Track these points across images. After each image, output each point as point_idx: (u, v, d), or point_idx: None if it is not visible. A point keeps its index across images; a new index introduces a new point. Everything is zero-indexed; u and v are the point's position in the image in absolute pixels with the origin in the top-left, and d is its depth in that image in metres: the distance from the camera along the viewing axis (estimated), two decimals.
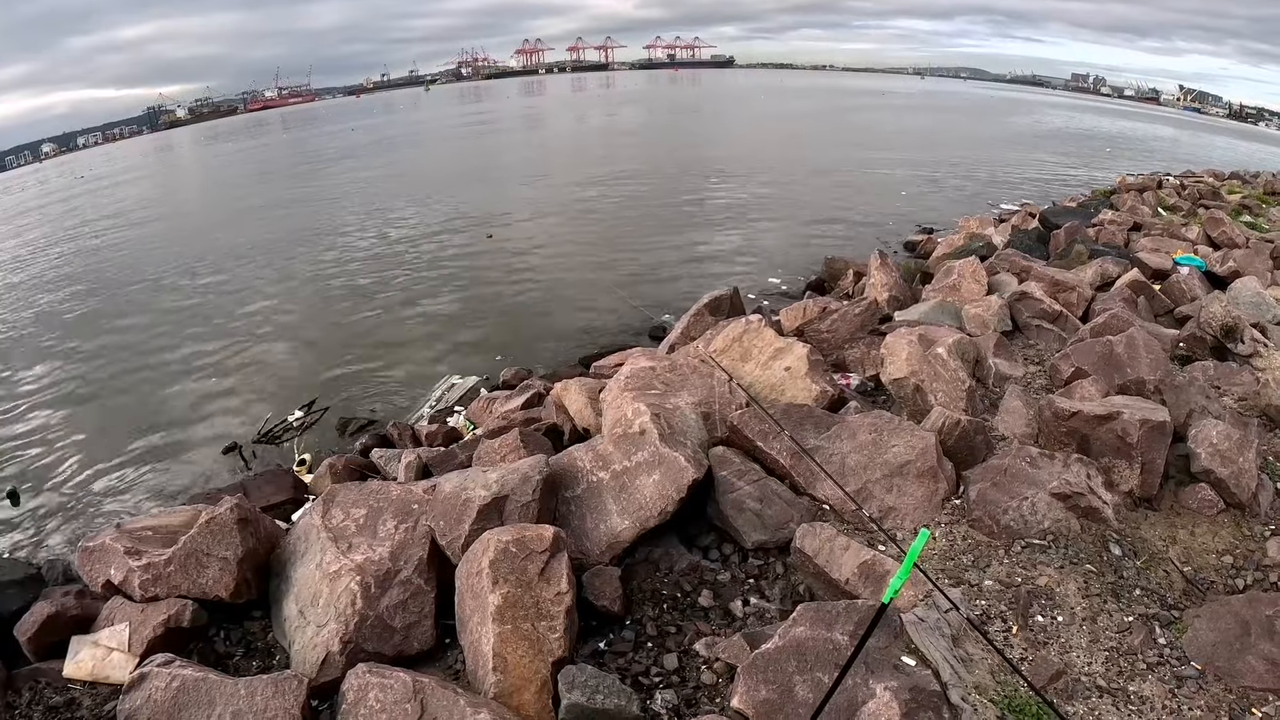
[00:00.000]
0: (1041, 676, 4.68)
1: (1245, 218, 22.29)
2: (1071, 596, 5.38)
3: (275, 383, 17.58)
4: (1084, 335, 9.59)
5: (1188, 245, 16.81)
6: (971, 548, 5.99)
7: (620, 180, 41.24)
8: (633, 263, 25.65)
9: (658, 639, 5.46)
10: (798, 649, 4.57)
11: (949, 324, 10.47)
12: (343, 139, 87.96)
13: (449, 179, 45.88)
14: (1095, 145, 65.51)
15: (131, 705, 4.67)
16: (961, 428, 7.05)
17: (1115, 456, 6.68)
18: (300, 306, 23.36)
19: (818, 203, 35.01)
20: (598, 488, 6.38)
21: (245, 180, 60.24)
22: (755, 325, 9.29)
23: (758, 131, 71.76)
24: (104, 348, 21.09)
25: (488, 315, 21.17)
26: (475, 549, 5.29)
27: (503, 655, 4.72)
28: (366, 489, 6.41)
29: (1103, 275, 13.38)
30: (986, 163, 49.42)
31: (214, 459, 14.20)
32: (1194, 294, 12.51)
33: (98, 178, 78.78)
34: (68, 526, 12.32)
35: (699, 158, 49.93)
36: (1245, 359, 9.68)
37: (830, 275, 20.71)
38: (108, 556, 5.91)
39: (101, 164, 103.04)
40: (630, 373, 8.34)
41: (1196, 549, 6.12)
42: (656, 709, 4.80)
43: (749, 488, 6.56)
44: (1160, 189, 28.25)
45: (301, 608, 5.55)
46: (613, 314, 19.72)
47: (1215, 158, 59.91)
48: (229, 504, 5.93)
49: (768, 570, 6.12)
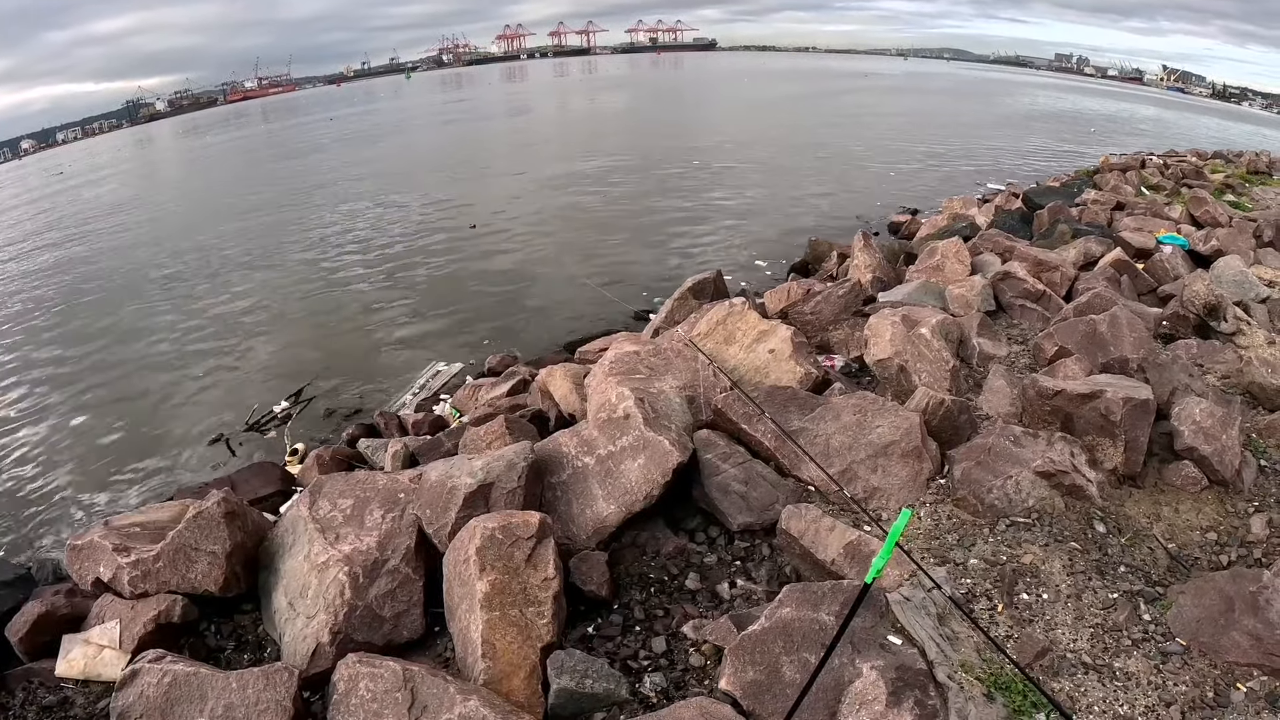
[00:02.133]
0: (1027, 654, 4.72)
1: (1228, 197, 22.35)
2: (1056, 574, 5.42)
3: (261, 374, 17.53)
4: (1067, 314, 9.62)
5: (1171, 224, 16.85)
6: (956, 526, 6.02)
7: (603, 168, 41.13)
8: (616, 249, 25.65)
9: (645, 622, 5.48)
10: (784, 630, 4.59)
11: (933, 304, 10.49)
12: (320, 130, 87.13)
13: (430, 170, 45.58)
14: (1079, 126, 65.58)
15: (124, 702, 4.66)
16: (946, 407, 7.08)
17: (1099, 435, 6.72)
18: (284, 298, 23.26)
19: (801, 186, 35.06)
20: (583, 473, 6.38)
21: (224, 174, 59.79)
22: (739, 308, 9.29)
23: (740, 117, 71.51)
24: (85, 345, 20.95)
25: (473, 304, 21.14)
26: (462, 536, 5.29)
27: (491, 642, 4.73)
28: (353, 479, 6.39)
29: (1086, 255, 13.43)
30: (970, 144, 49.54)
31: (201, 452, 14.16)
32: (1177, 273, 12.56)
33: (77, 174, 77.96)
34: (56, 525, 12.28)
35: (682, 144, 49.76)
36: (1228, 337, 9.73)
37: (814, 257, 20.72)
38: (96, 554, 5.86)
39: (81, 159, 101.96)
40: (614, 357, 8.32)
41: (1180, 526, 6.17)
42: (645, 692, 4.82)
43: (734, 470, 6.57)
44: (1143, 169, 28.32)
45: (291, 599, 5.53)
46: (596, 300, 19.70)
47: (1200, 136, 60.24)
48: (216, 498, 5.89)
49: (754, 552, 6.14)
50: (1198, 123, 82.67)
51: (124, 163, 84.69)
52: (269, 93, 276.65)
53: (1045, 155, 45.41)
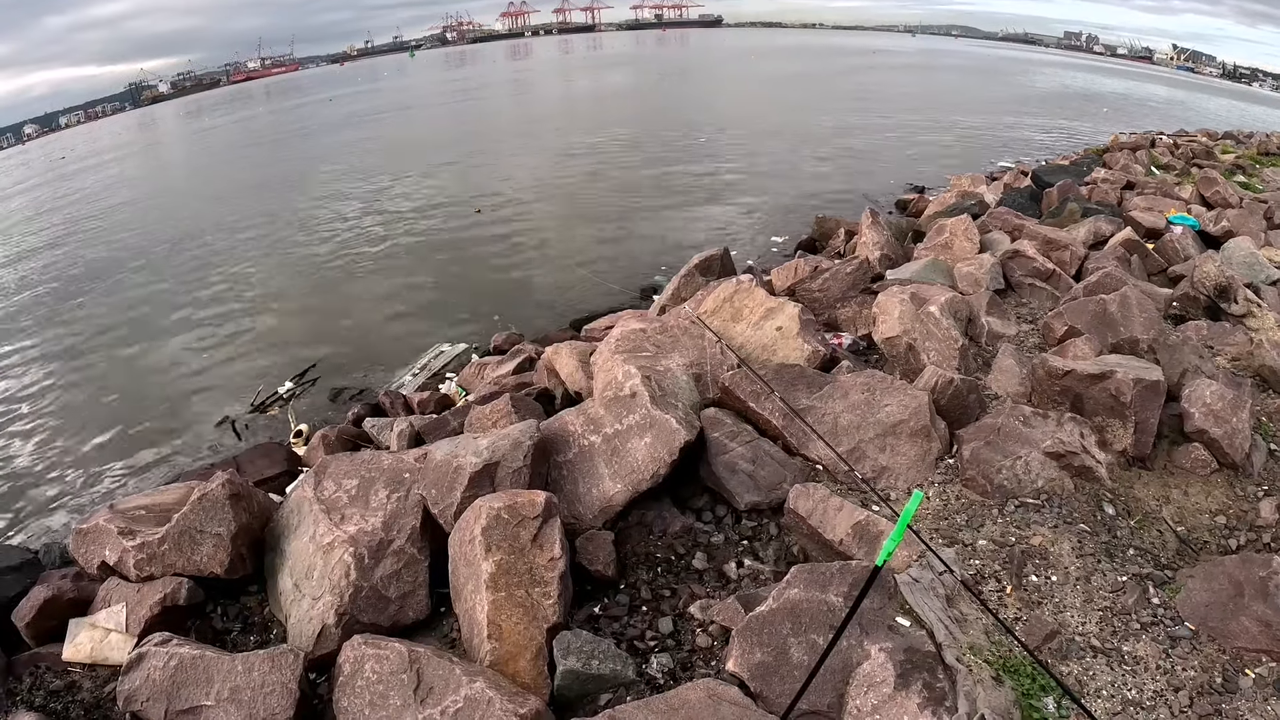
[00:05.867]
0: (1035, 637, 4.69)
1: (1239, 178, 22.18)
2: (1065, 556, 5.39)
3: (267, 355, 17.55)
4: (1077, 294, 9.55)
5: (1181, 204, 16.72)
6: (965, 507, 5.99)
7: (610, 147, 40.98)
8: (622, 227, 25.65)
9: (652, 602, 5.46)
10: (792, 611, 4.57)
11: (941, 283, 10.41)
12: (324, 111, 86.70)
13: (435, 150, 45.30)
14: (1089, 105, 65.00)
15: (131, 685, 4.67)
16: (955, 386, 7.03)
17: (1109, 416, 6.67)
18: (290, 280, 23.28)
19: (809, 164, 34.96)
20: (589, 451, 6.35)
21: (228, 155, 59.60)
22: (746, 285, 9.23)
23: (748, 95, 71.05)
24: (89, 328, 21.02)
25: (479, 284, 21.11)
26: (467, 516, 5.26)
27: (497, 622, 4.71)
28: (358, 459, 6.36)
29: (1096, 234, 13.31)
30: (980, 122, 49.19)
31: (206, 434, 14.19)
32: (1187, 253, 12.46)
33: (80, 158, 77.74)
34: (62, 509, 12.33)
35: (688, 122, 49.55)
36: (1238, 319, 9.65)
37: (821, 234, 20.62)
38: (102, 538, 5.86)
39: (84, 144, 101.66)
40: (621, 335, 8.27)
41: (1190, 509, 6.13)
42: (652, 673, 4.80)
43: (741, 449, 6.53)
44: (1153, 148, 28.09)
45: (296, 581, 5.52)
46: (601, 279, 19.61)
47: (1212, 116, 59.74)
48: (220, 480, 5.86)
49: (761, 532, 6.11)
50: (1207, 103, 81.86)
51: (125, 146, 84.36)
52: (272, 73, 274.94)
53: (1054, 133, 45.09)
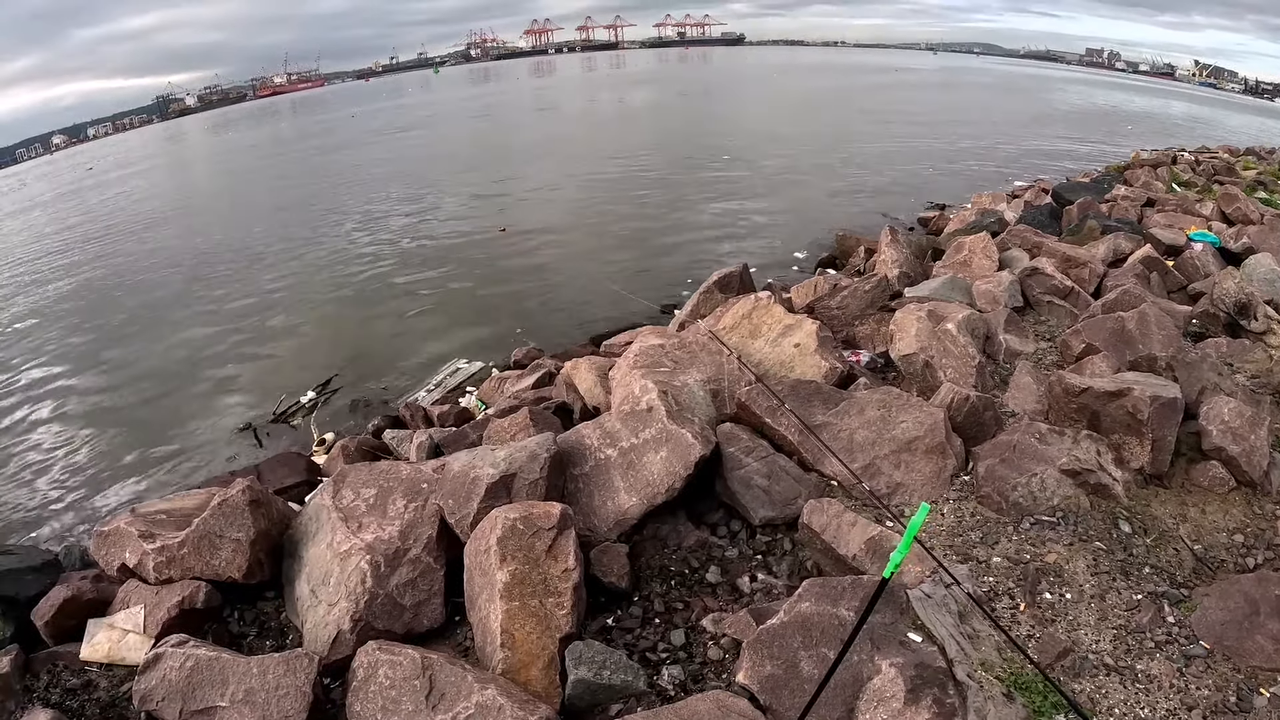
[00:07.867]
0: (1048, 654, 4.68)
1: (1260, 194, 22.02)
2: (1080, 574, 5.37)
3: (289, 365, 17.68)
4: (1095, 311, 9.54)
5: (1202, 221, 16.62)
6: (980, 524, 5.98)
7: (632, 165, 40.97)
8: (642, 244, 25.61)
9: (665, 615, 5.48)
10: (803, 624, 4.58)
11: (959, 300, 10.41)
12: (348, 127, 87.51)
13: (460, 169, 45.36)
14: (1112, 123, 64.63)
15: (147, 685, 4.74)
16: (970, 404, 7.02)
17: (1126, 433, 6.64)
18: (313, 292, 23.42)
19: (829, 181, 34.90)
20: (605, 465, 6.39)
21: (254, 170, 60.19)
22: (764, 302, 9.28)
23: (772, 113, 71.01)
24: (115, 335, 21.28)
25: (501, 300, 21.10)
26: (483, 526, 5.32)
27: (510, 631, 4.75)
28: (377, 469, 6.44)
29: (1115, 251, 13.27)
30: (1000, 140, 48.92)
31: (228, 441, 14.31)
32: (1207, 270, 12.39)
33: (105, 170, 78.82)
34: (84, 511, 12.45)
35: (711, 139, 49.48)
36: (1258, 336, 9.61)
37: (841, 252, 20.60)
38: (122, 540, 5.96)
39: (110, 155, 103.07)
40: (639, 350, 8.31)
41: (1207, 527, 6.09)
42: (663, 684, 4.83)
43: (757, 464, 6.54)
44: (1175, 164, 27.93)
45: (313, 587, 5.59)
46: (621, 295, 19.67)
47: (1233, 132, 59.30)
48: (241, 486, 5.96)
49: (775, 546, 6.12)
50: (1231, 119, 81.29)
51: (153, 158, 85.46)
52: (298, 88, 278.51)
53: (1075, 150, 44.84)
